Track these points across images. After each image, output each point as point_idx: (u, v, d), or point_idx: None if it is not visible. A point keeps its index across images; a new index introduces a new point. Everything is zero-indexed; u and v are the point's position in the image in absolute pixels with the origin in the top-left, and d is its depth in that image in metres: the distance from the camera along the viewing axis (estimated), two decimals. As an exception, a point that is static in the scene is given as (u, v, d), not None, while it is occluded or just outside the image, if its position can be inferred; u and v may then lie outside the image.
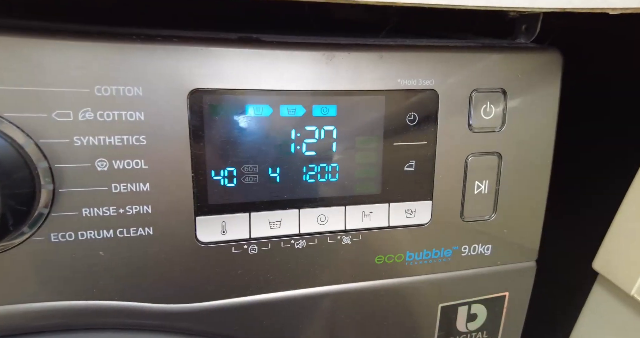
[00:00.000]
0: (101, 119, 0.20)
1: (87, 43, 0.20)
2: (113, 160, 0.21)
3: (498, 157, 0.27)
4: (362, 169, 0.25)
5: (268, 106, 0.23)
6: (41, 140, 0.19)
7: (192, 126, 0.21)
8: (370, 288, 0.27)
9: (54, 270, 0.21)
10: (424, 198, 0.26)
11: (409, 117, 0.25)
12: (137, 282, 0.23)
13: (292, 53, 0.23)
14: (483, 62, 0.26)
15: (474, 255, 0.28)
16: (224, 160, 0.22)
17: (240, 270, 0.24)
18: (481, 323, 0.31)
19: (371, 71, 0.24)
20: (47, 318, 0.22)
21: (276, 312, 0.26)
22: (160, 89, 0.21)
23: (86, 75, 0.20)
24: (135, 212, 0.21)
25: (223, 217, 0.23)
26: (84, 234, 0.21)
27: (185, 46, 0.21)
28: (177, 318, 0.24)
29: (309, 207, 0.24)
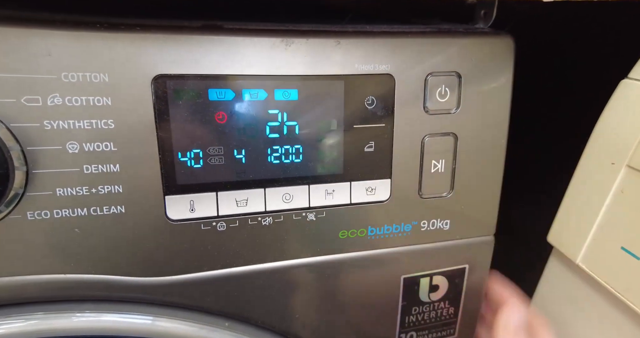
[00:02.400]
0: (69, 103, 0.21)
1: (53, 31, 0.21)
2: (83, 143, 0.22)
3: (454, 137, 0.29)
4: (324, 150, 0.26)
5: (230, 90, 0.24)
6: (12, 124, 0.21)
7: (157, 110, 0.23)
8: (335, 261, 0.29)
9: (31, 246, 0.23)
10: (383, 176, 0.28)
11: (367, 101, 0.26)
12: (112, 257, 0.24)
13: (252, 39, 0.24)
14: (438, 46, 0.27)
15: (433, 229, 0.30)
16: (190, 142, 0.24)
17: (210, 245, 0.26)
18: (443, 294, 0.33)
19: (329, 57, 0.25)
20: (26, 291, 0.24)
21: (245, 285, 0.28)
22: (125, 75, 0.22)
23: (53, 62, 0.21)
24: (107, 191, 0.23)
25: (191, 196, 0.25)
26: (59, 212, 0.22)
27: (148, 34, 0.22)
28: (150, 290, 0.26)
29: (274, 187, 0.26)
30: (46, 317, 0.25)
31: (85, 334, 0.26)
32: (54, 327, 0.25)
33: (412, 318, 0.33)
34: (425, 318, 0.34)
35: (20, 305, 0.24)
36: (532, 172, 0.42)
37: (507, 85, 0.29)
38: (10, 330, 0.24)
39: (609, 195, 0.28)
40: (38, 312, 0.25)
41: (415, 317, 0.33)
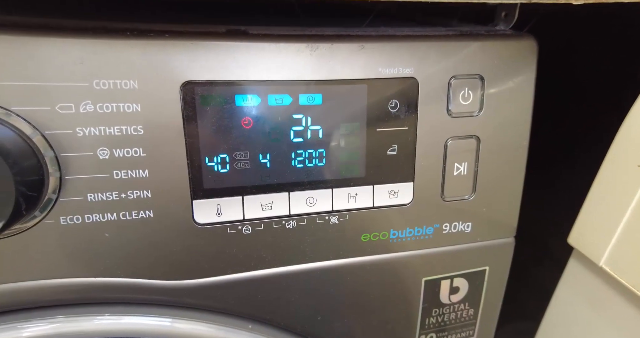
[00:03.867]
0: (100, 110, 0.22)
1: (84, 40, 0.21)
2: (113, 149, 0.22)
3: (476, 140, 0.29)
4: (347, 153, 0.27)
5: (257, 96, 0.24)
6: (47, 131, 0.21)
7: (186, 116, 0.23)
8: (357, 264, 0.29)
9: (64, 250, 0.23)
10: (406, 180, 0.28)
11: (391, 104, 0.26)
12: (140, 261, 0.25)
13: (278, 45, 0.24)
14: (461, 49, 0.27)
15: (454, 232, 0.30)
16: (217, 147, 0.24)
17: (235, 248, 0.26)
18: (463, 296, 0.33)
19: (353, 61, 0.25)
20: (58, 293, 0.24)
21: (269, 288, 0.28)
22: (154, 82, 0.22)
23: (85, 70, 0.21)
24: (136, 196, 0.23)
25: (218, 200, 0.25)
26: (90, 217, 0.23)
27: (176, 40, 0.22)
28: (177, 293, 0.26)
29: (298, 190, 0.26)
30: (68, 319, 0.25)
31: (106, 336, 0.26)
32: (76, 329, 0.25)
33: (432, 319, 0.33)
34: (445, 319, 0.34)
35: (40, 308, 0.24)
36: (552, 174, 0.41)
37: (530, 87, 0.29)
38: (35, 333, 0.25)
39: (634, 197, 0.27)
40: (59, 315, 0.25)
41: (436, 319, 0.33)
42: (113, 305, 0.26)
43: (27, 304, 0.24)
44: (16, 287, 0.23)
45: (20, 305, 0.24)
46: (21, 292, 0.24)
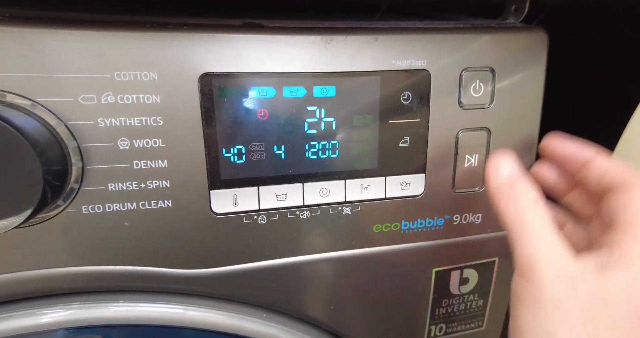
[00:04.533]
0: (121, 102, 0.22)
1: (106, 32, 0.21)
2: (133, 140, 0.23)
3: (487, 132, 0.29)
4: (360, 145, 0.27)
5: (272, 88, 0.25)
6: (70, 122, 0.22)
7: (204, 107, 0.23)
8: (369, 254, 0.30)
9: (85, 238, 0.24)
10: (418, 171, 0.28)
11: (403, 96, 0.27)
12: (158, 250, 0.25)
13: (293, 37, 0.24)
14: (472, 42, 0.27)
15: (465, 223, 0.31)
16: (233, 138, 0.25)
17: (251, 238, 0.27)
18: (473, 287, 0.34)
19: (367, 53, 0.25)
20: (79, 281, 0.25)
21: (283, 277, 0.28)
22: (173, 74, 0.23)
23: (106, 62, 0.22)
24: (155, 186, 0.24)
25: (234, 190, 0.25)
26: (110, 206, 0.23)
27: (194, 33, 0.23)
28: (194, 282, 0.27)
29: (312, 181, 0.27)
30: (84, 306, 0.26)
31: (121, 323, 0.27)
32: (92, 316, 0.26)
33: (442, 310, 0.34)
34: (455, 310, 0.34)
35: (58, 295, 0.25)
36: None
37: (540, 79, 0.29)
38: (54, 319, 0.26)
39: None
40: (76, 302, 0.26)
41: (445, 309, 0.34)
42: (129, 293, 0.27)
43: (48, 291, 0.25)
44: (39, 274, 0.24)
45: (42, 291, 0.25)
46: (43, 279, 0.24)
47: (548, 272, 0.20)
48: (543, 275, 0.20)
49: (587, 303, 0.19)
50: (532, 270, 0.20)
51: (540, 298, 0.20)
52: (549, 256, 0.20)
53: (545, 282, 0.20)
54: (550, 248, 0.21)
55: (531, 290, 0.20)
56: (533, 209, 0.22)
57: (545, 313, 0.20)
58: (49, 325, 0.26)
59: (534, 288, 0.20)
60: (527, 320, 0.20)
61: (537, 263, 0.20)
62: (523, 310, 0.20)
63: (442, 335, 0.35)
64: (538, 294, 0.20)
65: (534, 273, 0.20)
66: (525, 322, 0.20)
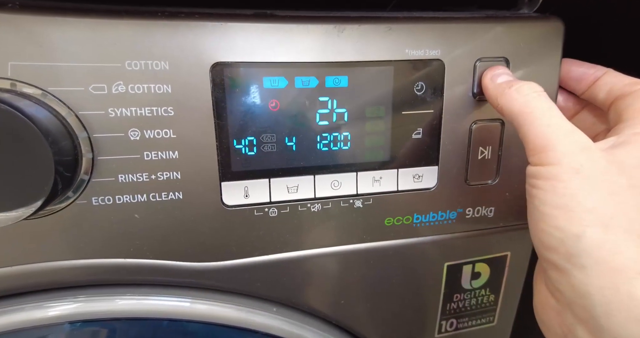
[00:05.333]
0: (132, 91, 0.22)
1: (117, 21, 0.21)
2: (144, 130, 0.22)
3: (501, 124, 0.28)
4: (372, 137, 0.27)
5: (284, 78, 0.24)
6: (80, 112, 0.21)
7: (215, 98, 0.23)
8: (380, 248, 0.29)
9: (95, 230, 0.23)
10: (431, 163, 0.28)
11: (417, 87, 0.26)
12: (169, 242, 0.25)
13: (305, 26, 0.24)
14: (487, 32, 0.27)
15: (477, 217, 0.30)
16: (245, 130, 0.24)
17: (262, 231, 0.26)
18: (484, 281, 0.33)
19: (380, 42, 0.25)
20: (88, 274, 0.25)
21: (293, 270, 0.28)
22: (185, 63, 0.22)
23: (117, 51, 0.21)
24: (166, 178, 0.23)
25: (245, 182, 0.25)
26: (120, 198, 0.23)
27: (206, 22, 0.22)
28: (204, 275, 0.26)
29: (324, 173, 0.26)
30: (90, 300, 0.26)
31: (129, 316, 0.27)
32: (99, 309, 0.26)
33: (453, 305, 0.33)
34: (466, 305, 0.34)
35: (65, 288, 0.25)
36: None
37: (555, 69, 0.28)
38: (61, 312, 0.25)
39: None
40: (81, 295, 0.26)
41: (457, 304, 0.33)
42: (135, 287, 0.27)
43: (57, 284, 0.24)
44: (48, 266, 0.24)
45: (51, 284, 0.25)
46: (53, 271, 0.24)
47: (565, 143, 0.20)
48: (561, 145, 0.20)
49: (605, 168, 0.20)
50: (548, 144, 0.21)
51: (559, 167, 0.20)
52: (563, 130, 0.21)
53: (563, 152, 0.20)
54: (563, 124, 0.21)
55: (549, 163, 0.20)
56: (538, 96, 0.22)
57: (565, 180, 0.20)
58: (55, 318, 0.25)
59: (552, 160, 0.20)
60: (547, 192, 0.20)
61: (552, 138, 0.21)
62: (544, 185, 0.21)
63: (453, 330, 0.34)
64: (557, 165, 0.20)
65: (550, 148, 0.20)
66: (545, 194, 0.20)
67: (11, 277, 0.23)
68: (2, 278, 0.23)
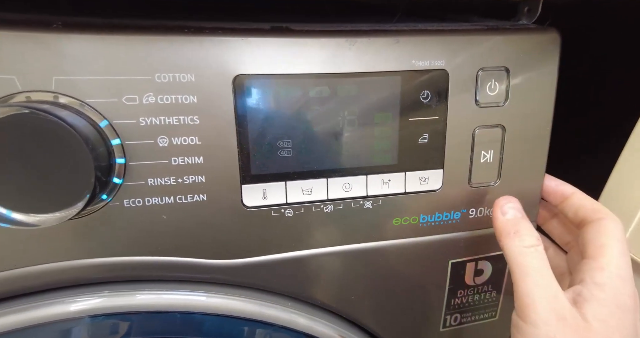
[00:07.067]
0: (161, 102, 0.24)
1: (147, 37, 0.23)
2: (172, 137, 0.24)
3: (502, 129, 0.30)
4: (381, 142, 0.28)
5: (299, 88, 0.26)
6: (114, 120, 0.23)
7: (237, 107, 0.25)
8: (389, 247, 0.31)
9: (126, 230, 0.25)
10: (436, 167, 0.30)
11: (423, 95, 0.28)
12: (193, 241, 0.27)
13: (319, 40, 0.26)
14: (488, 43, 0.28)
15: (480, 216, 0.32)
16: (263, 136, 0.26)
17: (278, 230, 0.28)
18: (487, 278, 0.35)
19: (388, 54, 0.27)
20: (118, 271, 0.26)
21: (307, 267, 0.30)
22: (209, 75, 0.24)
23: (148, 65, 0.23)
24: (192, 181, 0.25)
25: (264, 185, 0.27)
26: (149, 200, 0.25)
27: (228, 37, 0.24)
28: (225, 272, 0.28)
29: (336, 176, 0.28)
30: (111, 295, 0.27)
31: (148, 310, 0.28)
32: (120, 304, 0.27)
33: (457, 300, 0.35)
34: (469, 300, 0.36)
35: (113, 283, 0.27)
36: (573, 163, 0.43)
37: (552, 78, 0.30)
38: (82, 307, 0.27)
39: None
40: (103, 291, 0.27)
41: (461, 300, 0.35)
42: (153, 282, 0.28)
43: (91, 280, 0.26)
44: (82, 263, 0.26)
45: (84, 280, 0.27)
46: (86, 269, 0.26)
47: (546, 310, 0.24)
48: (541, 311, 0.24)
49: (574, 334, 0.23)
50: (531, 305, 0.24)
51: (536, 330, 0.23)
52: (547, 296, 0.24)
53: (542, 318, 0.24)
54: (549, 288, 0.24)
55: (529, 323, 0.24)
56: (534, 251, 0.26)
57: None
58: (77, 312, 0.27)
59: (532, 321, 0.24)
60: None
61: (536, 300, 0.24)
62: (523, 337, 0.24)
63: (457, 324, 0.36)
64: (535, 328, 0.24)
65: (532, 309, 0.24)
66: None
67: (51, 272, 0.25)
68: (43, 274, 0.25)
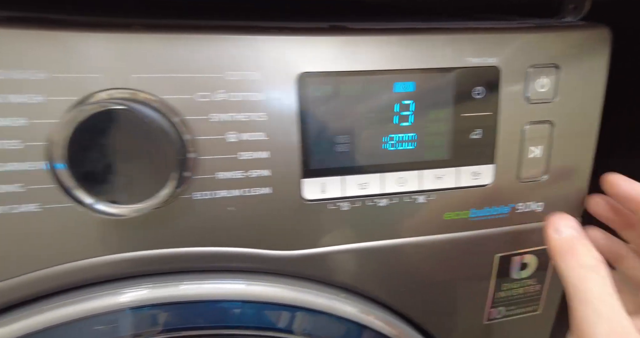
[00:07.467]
0: (231, 99, 0.25)
1: (217, 36, 0.24)
2: (240, 133, 0.25)
3: (551, 125, 0.31)
4: (435, 137, 0.29)
5: (358, 85, 0.27)
6: (187, 116, 0.24)
7: (300, 103, 0.26)
8: (440, 241, 0.32)
9: (194, 222, 0.26)
10: (487, 162, 0.30)
11: (475, 91, 0.29)
12: (256, 232, 0.28)
13: (378, 38, 0.27)
14: (539, 40, 0.29)
15: (527, 211, 0.33)
16: (324, 132, 0.27)
17: (335, 223, 0.29)
18: (532, 272, 0.35)
19: (444, 51, 0.28)
20: (189, 261, 0.27)
21: (360, 260, 0.31)
22: (275, 73, 0.25)
23: (219, 63, 0.24)
24: (257, 175, 0.26)
25: (322, 179, 0.28)
26: (217, 193, 0.26)
27: (293, 36, 0.25)
28: (283, 263, 0.29)
29: (391, 171, 0.29)
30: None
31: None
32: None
33: (502, 294, 0.36)
34: (513, 294, 0.36)
35: (182, 273, 0.28)
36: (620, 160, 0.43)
37: (602, 75, 0.31)
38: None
39: None
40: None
41: (505, 293, 0.36)
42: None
43: (164, 270, 0.27)
44: (150, 254, 0.27)
45: (150, 271, 0.28)
46: (160, 259, 0.27)
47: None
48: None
49: None
50: (589, 334, 0.20)
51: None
52: (607, 325, 0.20)
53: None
54: (611, 317, 0.20)
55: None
56: (595, 274, 0.22)
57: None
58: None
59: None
60: None
61: (594, 332, 0.20)
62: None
63: (501, 317, 0.37)
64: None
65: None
66: None
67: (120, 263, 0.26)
68: (118, 263, 0.26)
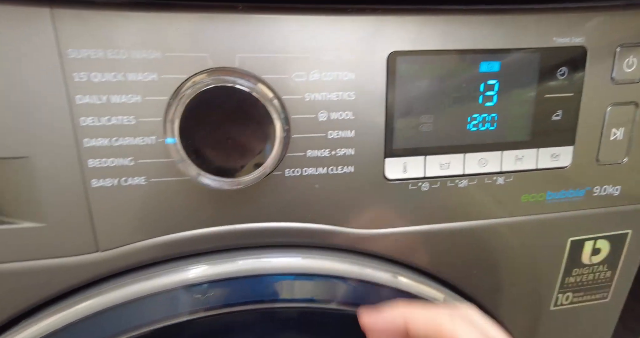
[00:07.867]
0: (324, 79, 0.25)
1: (316, 16, 0.25)
2: (330, 112, 0.26)
3: (635, 106, 0.30)
4: (517, 118, 0.29)
5: (445, 64, 0.27)
6: (284, 96, 0.25)
7: (388, 83, 0.26)
8: (515, 223, 0.32)
9: (283, 198, 0.27)
10: (567, 143, 0.30)
11: (560, 72, 0.28)
12: (338, 210, 0.28)
13: (466, 17, 0.27)
14: (629, 19, 0.28)
15: (604, 195, 0.32)
16: (408, 111, 0.27)
17: (414, 203, 0.29)
18: (603, 257, 0.35)
19: (530, 31, 0.27)
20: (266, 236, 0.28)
21: (435, 241, 0.31)
22: (366, 52, 0.26)
23: (315, 43, 0.25)
24: (343, 154, 0.27)
25: (404, 159, 0.28)
26: (306, 171, 0.27)
27: (385, 16, 0.25)
28: (361, 240, 0.30)
29: (472, 152, 0.29)
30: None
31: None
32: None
33: (571, 279, 0.35)
34: (583, 280, 0.36)
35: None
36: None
37: (691, 54, 0.30)
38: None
39: None
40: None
41: (574, 279, 0.35)
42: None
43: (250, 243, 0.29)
44: (243, 228, 0.28)
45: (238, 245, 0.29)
46: (243, 233, 0.28)
47: None
48: None
49: None
50: None
51: None
52: None
53: None
54: None
55: None
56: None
57: None
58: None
59: None
60: None
61: None
62: None
63: (568, 303, 0.37)
64: None
65: None
66: None
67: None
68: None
